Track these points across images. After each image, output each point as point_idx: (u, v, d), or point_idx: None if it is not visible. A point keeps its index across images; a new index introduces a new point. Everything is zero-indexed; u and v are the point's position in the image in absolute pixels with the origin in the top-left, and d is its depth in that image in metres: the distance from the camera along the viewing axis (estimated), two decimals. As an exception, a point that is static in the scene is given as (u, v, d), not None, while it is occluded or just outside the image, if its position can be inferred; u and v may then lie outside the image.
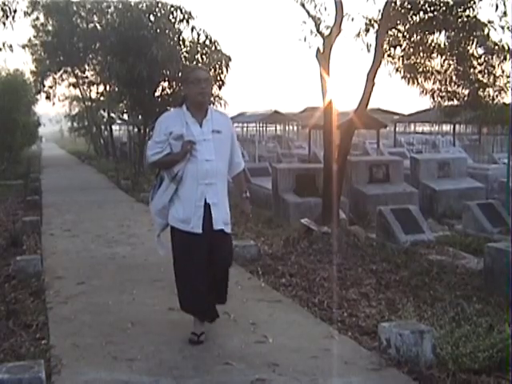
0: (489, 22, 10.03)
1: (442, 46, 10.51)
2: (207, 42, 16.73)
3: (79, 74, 27.59)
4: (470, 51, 10.56)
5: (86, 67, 26.89)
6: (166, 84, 17.54)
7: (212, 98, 17.27)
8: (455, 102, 11.90)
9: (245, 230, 8.78)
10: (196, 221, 4.18)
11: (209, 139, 4.21)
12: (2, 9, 11.95)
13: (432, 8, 9.53)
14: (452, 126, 25.21)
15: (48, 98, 28.63)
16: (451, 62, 10.90)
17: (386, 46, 9.85)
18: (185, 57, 16.79)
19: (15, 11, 12.18)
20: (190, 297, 4.29)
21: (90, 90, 28.91)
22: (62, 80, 28.74)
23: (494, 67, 10.94)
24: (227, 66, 16.88)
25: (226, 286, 4.51)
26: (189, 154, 4.16)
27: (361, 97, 8.79)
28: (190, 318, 4.87)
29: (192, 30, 16.77)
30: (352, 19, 9.89)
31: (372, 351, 4.10)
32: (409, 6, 9.51)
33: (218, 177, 4.24)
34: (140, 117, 19.30)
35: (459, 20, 9.74)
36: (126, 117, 24.56)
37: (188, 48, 16.93)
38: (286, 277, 6.14)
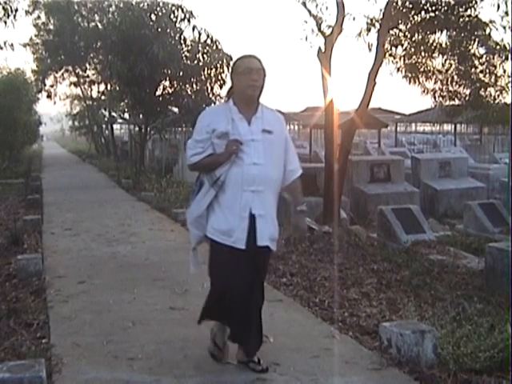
0: (490, 21, 10.05)
1: (444, 45, 10.52)
2: (208, 42, 16.73)
3: (80, 72, 27.60)
4: (472, 51, 10.57)
5: (87, 66, 26.90)
6: (167, 83, 17.56)
7: (213, 97, 17.29)
8: (456, 102, 11.91)
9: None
10: (239, 234, 3.57)
11: (258, 140, 3.61)
12: (4, 8, 11.96)
13: (433, 7, 9.54)
14: (453, 126, 25.21)
15: (49, 96, 28.65)
16: (452, 62, 10.91)
17: (387, 45, 9.86)
18: (186, 56, 16.79)
19: (16, 10, 12.20)
20: (218, 316, 3.79)
21: (91, 89, 28.94)
22: (63, 79, 28.76)
23: (495, 67, 10.95)
24: (228, 66, 16.85)
25: (259, 319, 3.77)
26: (234, 156, 3.57)
27: (362, 96, 8.79)
28: (192, 317, 4.88)
29: (193, 29, 16.78)
30: (353, 19, 9.91)
31: (373, 351, 4.10)
32: (410, 6, 9.52)
33: (266, 184, 3.61)
34: (141, 116, 19.30)
35: (461, 20, 9.75)
36: (126, 116, 24.56)
37: (189, 47, 16.93)
38: (287, 276, 6.13)
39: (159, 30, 16.26)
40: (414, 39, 10.22)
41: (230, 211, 3.59)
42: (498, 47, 10.52)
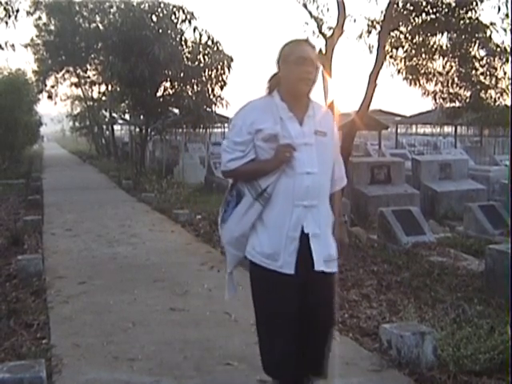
0: (491, 23, 10.06)
1: (444, 47, 10.53)
2: (209, 43, 16.77)
3: (81, 73, 27.65)
4: (472, 53, 10.59)
5: (88, 67, 26.94)
6: (167, 84, 17.59)
7: (214, 99, 17.31)
8: (457, 104, 11.93)
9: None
10: (287, 257, 2.95)
11: (311, 143, 2.99)
12: (5, 8, 11.97)
13: (434, 10, 9.54)
14: (454, 128, 25.25)
15: (50, 97, 28.71)
16: (453, 64, 10.92)
17: (388, 47, 9.87)
18: (187, 57, 16.82)
19: (18, 11, 12.21)
20: (275, 357, 3.06)
21: (92, 90, 29.00)
22: (64, 79, 28.83)
23: (495, 69, 10.97)
24: (229, 67, 16.91)
25: (325, 352, 3.12)
26: (285, 164, 2.94)
27: (363, 98, 8.80)
28: (192, 318, 4.89)
29: (194, 31, 16.83)
30: (354, 20, 9.95)
31: (373, 352, 4.10)
32: (411, 8, 9.53)
33: (321, 197, 3.02)
34: (142, 117, 19.33)
35: (461, 22, 9.76)
36: (127, 117, 24.59)
37: (190, 48, 16.97)
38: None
39: (160, 31, 16.29)
40: (414, 41, 10.23)
41: (275, 231, 2.97)
42: (498, 49, 10.54)
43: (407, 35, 10.12)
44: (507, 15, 9.54)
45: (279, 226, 2.96)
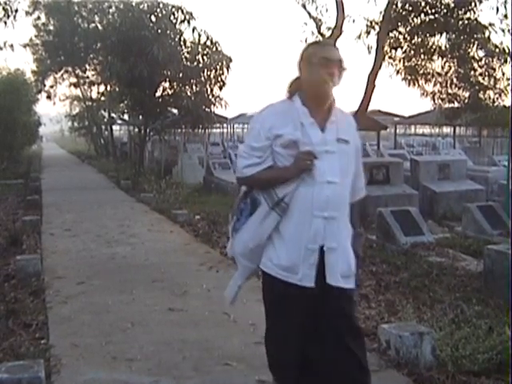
0: (490, 24, 10.09)
1: (443, 48, 10.56)
2: (208, 43, 16.78)
3: (80, 73, 27.64)
4: (471, 53, 10.61)
5: (87, 67, 26.95)
6: (166, 84, 17.60)
7: (213, 99, 17.32)
8: (456, 104, 11.96)
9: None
10: (306, 270, 2.79)
11: (332, 151, 2.83)
12: (4, 8, 11.98)
13: (433, 10, 9.57)
14: (452, 128, 25.26)
15: (49, 97, 28.72)
16: (452, 65, 10.95)
17: (386, 47, 9.89)
18: (186, 57, 16.83)
19: (16, 11, 12.25)
20: (283, 363, 2.96)
21: (91, 90, 29.00)
22: (63, 80, 28.84)
23: (494, 70, 10.99)
24: (228, 67, 16.92)
25: (361, 363, 2.88)
26: (304, 173, 2.79)
27: (361, 98, 8.81)
28: (191, 318, 4.89)
29: (193, 31, 16.84)
30: (353, 21, 9.97)
31: (371, 353, 4.08)
32: (410, 8, 9.55)
33: (341, 208, 2.86)
34: (140, 117, 19.33)
35: (460, 22, 9.79)
36: (126, 117, 24.60)
37: (189, 49, 16.98)
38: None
39: (159, 31, 16.29)
40: (413, 42, 10.26)
41: (293, 243, 2.81)
42: (497, 50, 10.57)
43: (406, 36, 10.14)
44: (506, 16, 9.57)
45: (297, 238, 2.80)
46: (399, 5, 9.46)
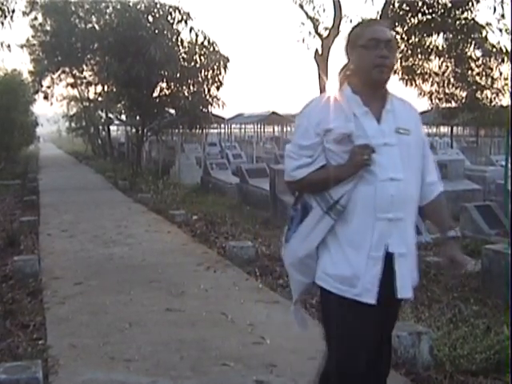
0: (487, 24, 10.09)
1: (440, 48, 10.56)
2: (205, 43, 16.78)
3: (77, 74, 27.58)
4: (468, 53, 10.61)
5: (84, 67, 26.88)
6: (164, 85, 17.59)
7: (210, 99, 17.31)
8: (453, 104, 11.95)
9: (242, 231, 8.78)
10: (367, 283, 2.42)
11: (392, 144, 2.46)
12: (1, 8, 11.95)
13: (430, 10, 9.58)
14: (450, 128, 25.28)
15: (46, 98, 28.66)
16: (449, 64, 10.95)
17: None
18: (183, 57, 16.83)
19: (13, 11, 12.20)
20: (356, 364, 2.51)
21: (88, 91, 28.93)
22: (60, 80, 28.75)
23: (491, 69, 11.00)
24: (225, 67, 16.92)
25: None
26: (362, 170, 2.43)
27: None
28: (188, 318, 4.89)
29: (190, 31, 16.84)
30: (350, 21, 9.94)
31: (369, 352, 4.10)
32: (407, 8, 9.56)
33: (408, 208, 2.49)
34: (138, 117, 19.31)
35: (457, 22, 9.79)
36: (123, 117, 24.58)
37: (186, 49, 16.98)
38: (284, 278, 6.11)
39: (156, 31, 16.28)
40: (410, 41, 10.26)
41: (354, 249, 2.44)
42: (494, 50, 10.56)
43: (403, 35, 10.14)
44: (503, 15, 9.57)
45: (358, 245, 2.44)
46: (396, 5, 9.46)
